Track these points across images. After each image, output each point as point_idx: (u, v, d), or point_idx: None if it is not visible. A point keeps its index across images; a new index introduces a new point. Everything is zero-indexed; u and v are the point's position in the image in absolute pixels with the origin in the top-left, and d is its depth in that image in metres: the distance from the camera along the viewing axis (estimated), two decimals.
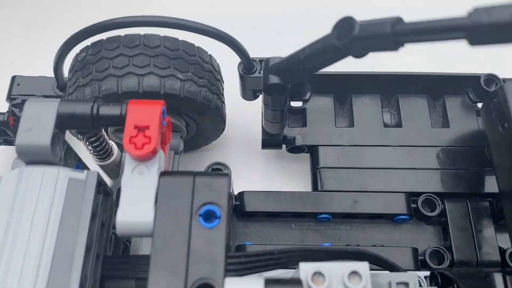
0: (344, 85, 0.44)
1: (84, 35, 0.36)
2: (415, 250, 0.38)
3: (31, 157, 0.29)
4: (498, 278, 0.33)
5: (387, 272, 0.33)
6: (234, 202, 0.40)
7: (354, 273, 0.28)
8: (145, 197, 0.28)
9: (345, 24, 0.28)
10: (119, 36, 0.37)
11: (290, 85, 0.33)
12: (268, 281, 0.26)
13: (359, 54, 0.29)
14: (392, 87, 0.44)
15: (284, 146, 0.44)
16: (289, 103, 0.44)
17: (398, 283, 0.32)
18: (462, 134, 0.43)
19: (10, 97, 0.44)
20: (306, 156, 0.44)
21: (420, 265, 0.38)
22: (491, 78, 0.43)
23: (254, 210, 0.40)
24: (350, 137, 0.43)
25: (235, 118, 0.46)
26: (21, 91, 0.44)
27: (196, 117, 0.39)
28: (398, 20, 0.26)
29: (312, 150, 0.43)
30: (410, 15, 0.28)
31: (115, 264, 0.32)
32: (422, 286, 0.35)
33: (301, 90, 0.43)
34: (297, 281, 0.27)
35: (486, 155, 0.41)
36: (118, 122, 0.29)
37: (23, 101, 0.44)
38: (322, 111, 0.44)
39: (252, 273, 0.31)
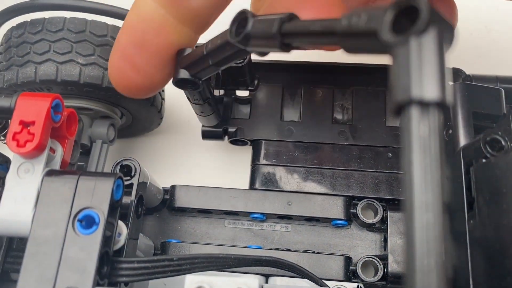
0: (295, 75, 0.41)
1: (7, 15, 0.35)
2: (347, 259, 0.36)
3: None
4: None
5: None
6: (163, 196, 0.38)
7: None
8: (26, 197, 0.27)
9: (241, 19, 0.25)
10: (42, 19, 0.35)
11: (201, 80, 0.31)
12: None
13: (258, 53, 0.26)
14: (347, 79, 0.41)
15: (226, 137, 0.41)
16: (235, 93, 0.41)
17: None
18: None
19: None
20: (249, 149, 0.41)
21: (351, 275, 0.36)
22: (455, 73, 0.38)
23: (184, 206, 0.38)
24: (295, 132, 0.40)
25: (178, 105, 0.44)
26: None
27: (121, 103, 0.37)
28: (289, 17, 0.23)
29: (254, 144, 0.40)
30: None
31: (19, 258, 0.32)
32: None
33: (246, 79, 0.40)
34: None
35: None
36: (8, 116, 0.28)
37: None
38: (269, 102, 0.41)
39: (146, 279, 0.30)
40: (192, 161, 0.42)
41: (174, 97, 0.42)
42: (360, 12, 0.19)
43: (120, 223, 0.29)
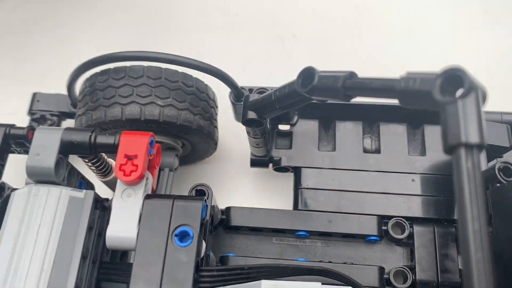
0: (329, 112, 0.48)
1: (93, 64, 0.42)
2: (381, 269, 0.42)
3: (38, 178, 0.34)
4: None
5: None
6: (220, 216, 0.44)
7: None
8: (131, 216, 0.33)
9: (307, 74, 0.32)
10: (124, 67, 0.42)
11: (266, 119, 0.37)
12: None
13: (320, 100, 0.33)
14: (374, 115, 0.47)
15: (271, 165, 0.48)
16: (277, 127, 0.48)
17: None
18: (437, 162, 0.46)
19: (30, 112, 0.50)
20: (291, 176, 0.47)
21: (384, 283, 0.42)
22: None
23: (238, 225, 0.44)
24: (331, 160, 0.46)
25: (229, 137, 0.51)
26: (40, 107, 0.50)
27: (187, 137, 0.43)
28: (350, 75, 0.30)
29: (296, 171, 0.47)
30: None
31: (110, 269, 0.38)
32: None
33: (288, 115, 0.47)
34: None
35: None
36: (112, 150, 0.34)
37: (42, 116, 0.50)
38: (307, 135, 0.48)
39: (223, 285, 0.36)
40: (241, 185, 0.48)
41: (226, 131, 0.49)
42: (415, 75, 0.26)
43: None
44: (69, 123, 0.51)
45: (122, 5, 0.62)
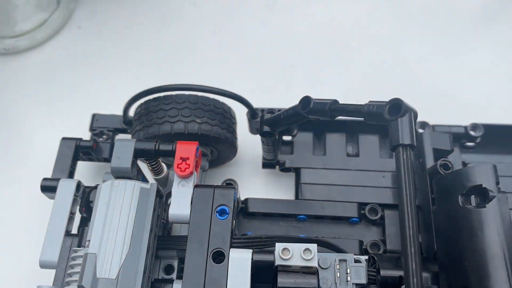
0: (321, 126, 0.63)
1: (147, 93, 0.57)
2: (361, 242, 0.57)
3: (118, 174, 0.49)
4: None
5: (334, 253, 0.52)
6: (241, 205, 0.59)
7: (307, 249, 0.47)
8: (185, 200, 0.48)
9: (306, 100, 0.47)
10: (171, 95, 0.57)
11: (276, 132, 0.53)
12: (254, 251, 0.46)
13: (314, 118, 0.48)
14: (354, 129, 0.63)
15: (277, 167, 0.63)
16: (282, 138, 0.63)
17: (340, 260, 0.51)
18: None
19: (92, 129, 0.65)
20: (293, 174, 0.63)
21: (363, 251, 0.57)
22: (423, 124, 0.61)
23: (254, 211, 0.59)
24: (322, 162, 0.62)
25: (246, 145, 0.66)
26: (99, 124, 0.65)
27: (216, 145, 0.59)
28: (334, 102, 0.45)
29: (296, 171, 0.62)
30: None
31: (164, 240, 0.52)
32: (361, 262, 0.54)
33: (290, 128, 0.62)
34: (272, 252, 0.46)
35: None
36: (171, 155, 0.49)
37: (101, 132, 0.65)
38: (304, 143, 0.63)
39: (248, 248, 0.51)
40: (255, 182, 0.64)
41: (243, 141, 0.64)
42: (373, 103, 0.41)
43: None
44: (120, 136, 0.65)
45: (154, 43, 0.78)
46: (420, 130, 0.59)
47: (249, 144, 0.63)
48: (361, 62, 0.74)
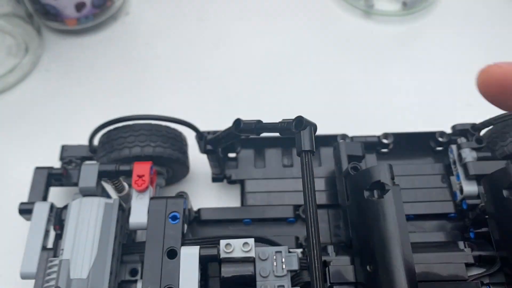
0: (260, 143, 0.74)
1: (108, 124, 0.67)
2: (297, 237, 0.68)
3: (86, 193, 0.59)
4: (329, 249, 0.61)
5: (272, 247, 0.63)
6: (194, 214, 0.69)
7: (245, 243, 0.57)
8: (143, 210, 0.58)
9: (237, 122, 0.59)
10: (129, 125, 0.67)
11: (218, 149, 0.64)
12: (201, 247, 0.56)
13: (245, 135, 0.59)
14: (288, 144, 0.74)
15: (225, 180, 0.74)
16: (227, 155, 0.74)
17: (276, 252, 0.61)
18: (328, 171, 0.73)
19: (61, 158, 0.74)
20: (238, 185, 0.73)
21: (299, 245, 0.67)
22: (344, 136, 0.73)
23: (206, 219, 0.69)
24: (263, 174, 0.73)
25: (198, 164, 0.76)
26: (68, 154, 0.74)
27: (170, 165, 0.69)
28: (258, 122, 0.57)
29: (241, 182, 0.72)
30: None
31: (128, 247, 0.61)
32: (294, 253, 0.64)
33: (234, 146, 0.73)
34: (216, 247, 0.56)
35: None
36: (129, 174, 0.59)
37: (69, 160, 0.74)
38: (247, 158, 0.74)
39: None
40: (206, 194, 0.74)
41: (194, 160, 0.75)
42: (285, 120, 0.53)
43: None
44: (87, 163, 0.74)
45: (114, 80, 0.88)
46: (341, 141, 0.70)
47: (200, 163, 0.73)
48: (293, 86, 0.86)
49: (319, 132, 0.52)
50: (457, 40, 0.93)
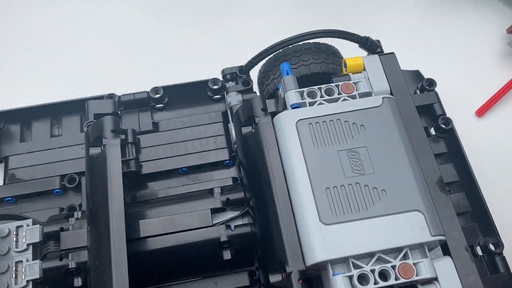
0: (27, 115, 0.69)
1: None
2: (61, 208, 0.64)
3: None
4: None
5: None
6: None
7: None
8: None
9: None
10: None
11: None
12: None
13: None
14: (58, 112, 0.70)
15: None
16: None
17: (17, 226, 0.56)
18: None
19: None
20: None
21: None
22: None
23: None
24: (28, 147, 0.67)
25: None
26: None
27: None
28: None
29: (6, 159, 0.67)
30: None
31: None
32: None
33: None
34: None
35: None
36: None
37: None
38: (12, 133, 0.69)
39: None
40: None
41: None
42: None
43: None
44: None
45: None
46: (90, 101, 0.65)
47: None
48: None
49: None
50: None
